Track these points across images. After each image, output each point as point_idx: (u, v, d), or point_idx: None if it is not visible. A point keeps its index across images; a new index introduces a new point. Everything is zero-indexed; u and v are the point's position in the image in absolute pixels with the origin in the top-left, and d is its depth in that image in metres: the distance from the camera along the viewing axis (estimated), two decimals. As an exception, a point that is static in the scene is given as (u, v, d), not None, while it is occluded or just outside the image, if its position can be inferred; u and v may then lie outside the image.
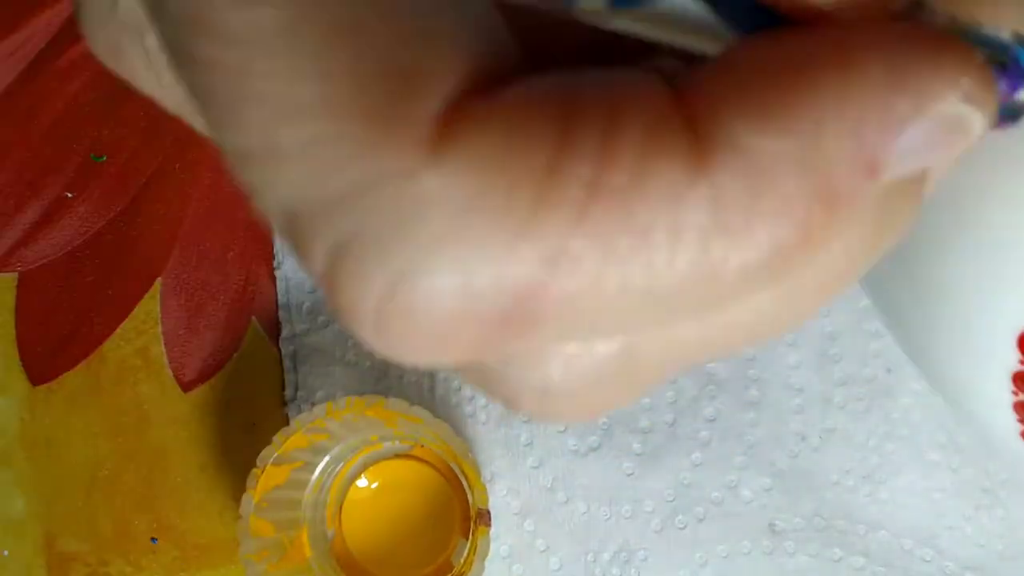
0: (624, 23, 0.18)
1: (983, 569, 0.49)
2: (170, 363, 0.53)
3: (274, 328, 0.53)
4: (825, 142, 0.17)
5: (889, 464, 0.50)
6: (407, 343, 0.17)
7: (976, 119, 0.17)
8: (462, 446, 0.48)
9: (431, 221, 0.16)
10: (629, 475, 0.50)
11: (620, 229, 0.16)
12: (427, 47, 0.17)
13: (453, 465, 0.50)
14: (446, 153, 0.16)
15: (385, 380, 0.52)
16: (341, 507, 0.51)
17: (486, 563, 0.48)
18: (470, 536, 0.49)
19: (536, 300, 0.17)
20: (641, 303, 0.17)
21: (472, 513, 0.48)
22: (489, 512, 0.47)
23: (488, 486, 0.51)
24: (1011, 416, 0.33)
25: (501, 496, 0.51)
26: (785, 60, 0.17)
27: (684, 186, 0.16)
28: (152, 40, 0.22)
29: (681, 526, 0.50)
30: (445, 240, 0.16)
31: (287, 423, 0.52)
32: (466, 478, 0.48)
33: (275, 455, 0.48)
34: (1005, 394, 0.33)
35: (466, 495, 0.49)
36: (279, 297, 0.53)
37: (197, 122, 0.22)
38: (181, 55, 0.18)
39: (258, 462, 0.48)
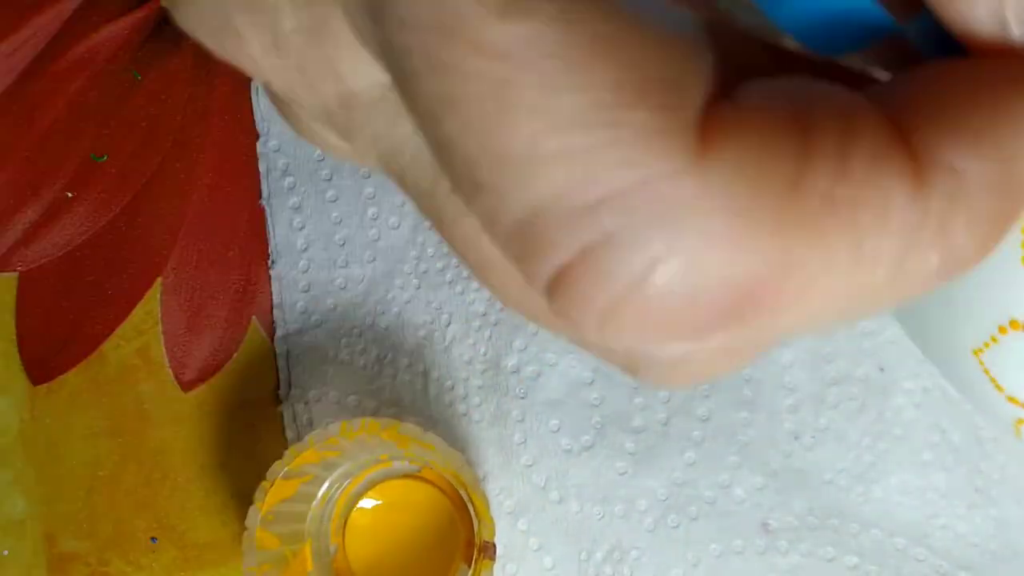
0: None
1: (976, 568, 0.49)
2: (170, 363, 0.53)
3: (274, 328, 0.53)
4: (1019, 168, 0.19)
5: (882, 463, 0.49)
6: (629, 331, 0.19)
7: None
8: (472, 476, 0.48)
9: (687, 220, 0.18)
10: (622, 474, 0.50)
11: (843, 237, 0.18)
12: (680, 57, 0.18)
13: (461, 491, 0.49)
14: (707, 159, 0.18)
15: (379, 380, 0.52)
16: (345, 523, 0.51)
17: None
18: (472, 564, 0.48)
19: (760, 297, 0.19)
20: (835, 304, 0.19)
21: (477, 542, 0.48)
22: (495, 546, 0.47)
23: (481, 485, 0.50)
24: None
25: (494, 495, 0.51)
26: (987, 90, 0.19)
27: (904, 201, 0.18)
28: (291, 23, 0.22)
29: (674, 525, 0.50)
30: (696, 237, 0.18)
31: (281, 422, 0.52)
32: (474, 508, 0.48)
33: (285, 470, 0.48)
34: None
35: (471, 521, 0.49)
36: (273, 297, 0.53)
37: (314, 100, 0.24)
38: (425, 63, 0.19)
39: (268, 476, 0.48)
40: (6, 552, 0.53)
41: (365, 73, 0.22)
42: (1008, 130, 0.19)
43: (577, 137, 0.18)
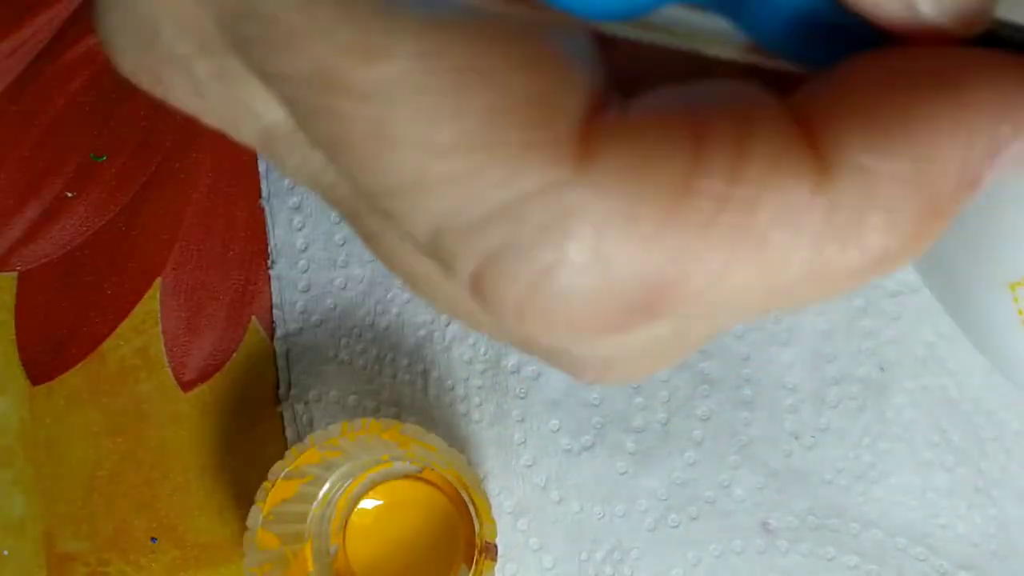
0: (639, 34, 0.21)
1: (977, 568, 0.49)
2: (170, 363, 0.53)
3: (274, 328, 0.53)
4: (937, 163, 0.19)
5: (882, 463, 0.49)
6: (545, 328, 0.20)
7: None
8: (474, 477, 0.48)
9: (575, 227, 0.19)
10: (623, 474, 0.50)
11: (743, 236, 0.18)
12: (552, 72, 0.19)
13: (462, 492, 0.49)
14: (590, 167, 0.18)
15: (378, 380, 0.52)
16: (346, 523, 0.51)
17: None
18: (473, 565, 0.48)
19: (662, 294, 0.19)
20: (752, 299, 0.19)
21: (478, 543, 0.48)
22: (496, 546, 0.47)
23: (482, 483, 0.50)
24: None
25: (495, 496, 0.51)
26: (900, 85, 0.19)
27: (805, 200, 0.18)
28: (202, 69, 0.23)
29: (674, 525, 0.50)
30: (587, 242, 0.19)
31: (281, 422, 0.52)
32: (475, 509, 0.48)
33: (287, 470, 0.48)
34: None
35: (472, 521, 0.49)
36: (272, 297, 0.53)
37: (244, 137, 0.24)
38: (309, 109, 0.20)
39: (269, 475, 0.48)
40: (6, 552, 0.53)
41: (275, 109, 0.23)
42: (921, 128, 0.19)
43: (458, 162, 0.19)
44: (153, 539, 0.52)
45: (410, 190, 0.19)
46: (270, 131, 0.24)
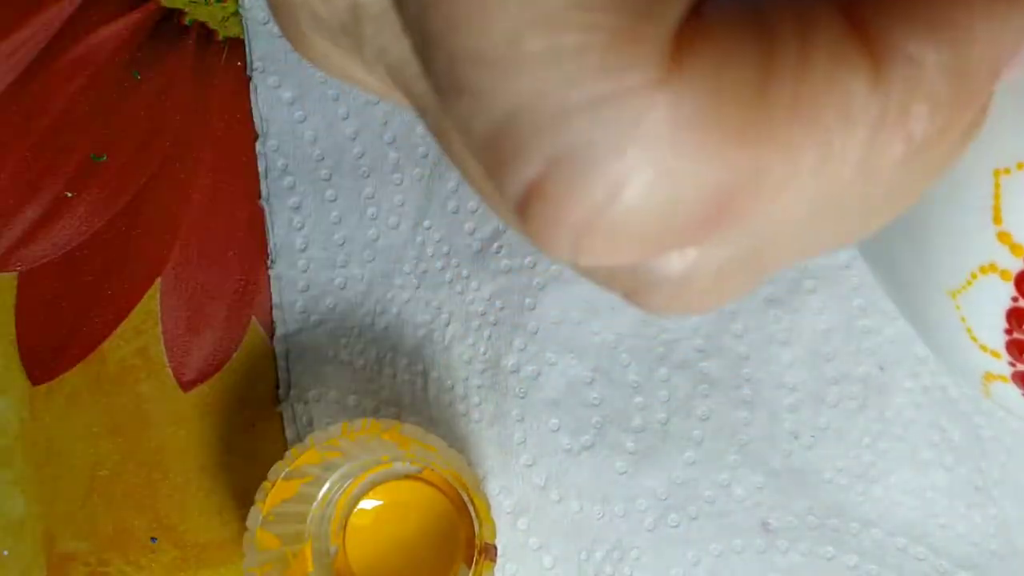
0: None
1: (976, 567, 0.49)
2: (170, 363, 0.53)
3: (273, 328, 0.53)
4: (975, 52, 0.19)
5: (882, 462, 0.49)
6: (604, 247, 0.19)
7: None
8: (474, 478, 0.48)
9: (659, 134, 0.18)
10: (622, 474, 0.50)
11: (808, 138, 0.18)
12: None
13: (462, 493, 0.49)
14: (678, 73, 0.18)
15: (378, 380, 0.52)
16: (346, 524, 0.51)
17: (479, 561, 0.48)
18: (473, 566, 0.48)
19: (731, 204, 0.19)
20: (812, 204, 0.19)
21: (478, 543, 0.48)
22: (496, 547, 0.47)
23: (481, 484, 0.50)
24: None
25: (494, 495, 0.51)
26: None
27: (864, 96, 0.18)
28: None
29: (674, 524, 0.50)
30: (668, 151, 0.18)
31: (281, 422, 0.52)
32: (475, 509, 0.48)
33: (287, 470, 0.48)
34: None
35: (472, 522, 0.49)
36: (272, 296, 0.53)
37: (332, 8, 0.24)
38: None
39: (269, 476, 0.48)
40: (6, 552, 0.53)
41: None
42: (961, 14, 0.19)
43: (557, 36, 0.18)
44: (153, 539, 0.52)
45: (499, 60, 0.18)
46: (361, 8, 0.23)
